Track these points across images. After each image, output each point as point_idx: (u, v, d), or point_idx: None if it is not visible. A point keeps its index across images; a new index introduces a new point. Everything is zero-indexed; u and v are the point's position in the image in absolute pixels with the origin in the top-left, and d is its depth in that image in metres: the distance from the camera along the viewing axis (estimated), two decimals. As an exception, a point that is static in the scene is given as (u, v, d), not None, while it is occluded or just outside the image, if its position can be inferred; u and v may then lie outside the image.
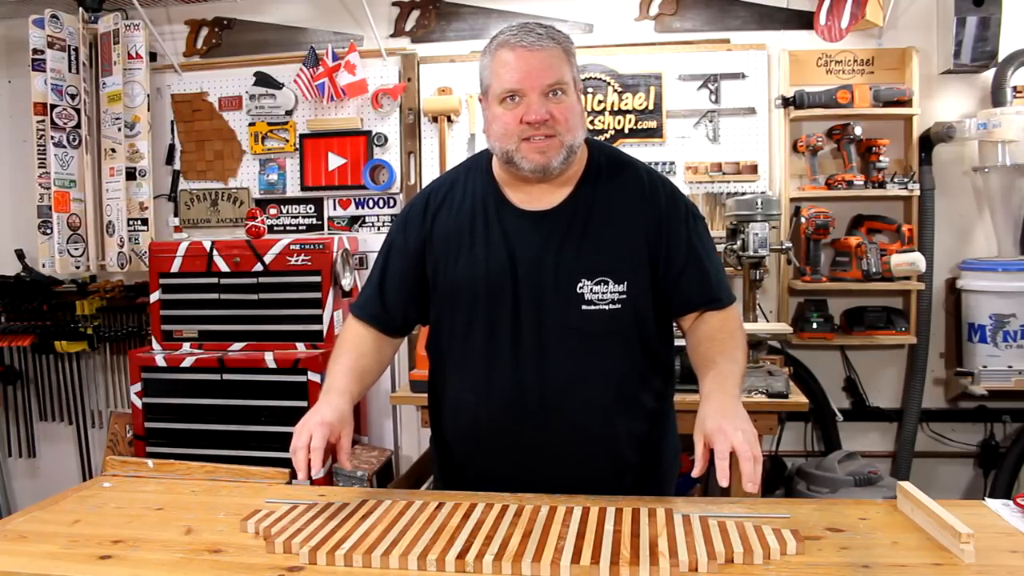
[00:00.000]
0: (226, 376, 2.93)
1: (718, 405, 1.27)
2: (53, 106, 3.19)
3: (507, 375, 1.42)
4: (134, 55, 3.29)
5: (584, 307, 1.40)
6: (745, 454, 1.16)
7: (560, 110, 1.35)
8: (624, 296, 1.41)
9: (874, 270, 2.89)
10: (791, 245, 2.82)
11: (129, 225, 3.33)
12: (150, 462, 1.59)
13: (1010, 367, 2.87)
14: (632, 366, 1.45)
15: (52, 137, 3.20)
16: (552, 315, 1.41)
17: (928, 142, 2.98)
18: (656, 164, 3.10)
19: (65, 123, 3.22)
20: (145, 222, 3.33)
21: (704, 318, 1.46)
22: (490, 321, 1.43)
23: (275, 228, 3.39)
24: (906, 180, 2.96)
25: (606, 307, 1.40)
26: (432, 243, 1.48)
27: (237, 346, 2.99)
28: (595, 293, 1.40)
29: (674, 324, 1.56)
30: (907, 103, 2.96)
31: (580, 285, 1.40)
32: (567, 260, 1.41)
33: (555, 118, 1.34)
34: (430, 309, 1.52)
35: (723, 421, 1.21)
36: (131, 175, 3.33)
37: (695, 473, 1.22)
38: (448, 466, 1.59)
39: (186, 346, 3.03)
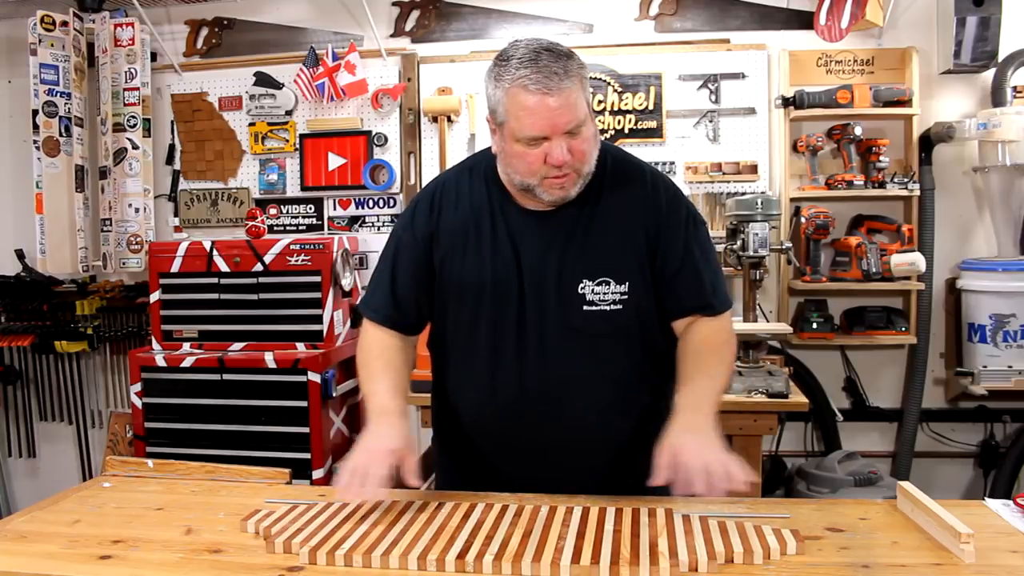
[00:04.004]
0: (226, 376, 2.92)
1: (687, 423, 1.28)
2: (35, 111, 3.18)
3: (510, 374, 1.42)
4: (103, 51, 3.26)
5: (585, 307, 1.40)
6: (698, 475, 1.19)
7: (578, 145, 1.32)
8: (626, 297, 1.41)
9: (874, 270, 2.88)
10: (791, 245, 2.81)
11: (107, 226, 3.30)
12: (150, 462, 1.59)
13: (1010, 367, 2.86)
14: (634, 366, 1.45)
15: (34, 140, 3.20)
16: (554, 315, 1.41)
17: (928, 142, 2.98)
18: (656, 164, 3.10)
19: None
20: (109, 222, 3.31)
21: (694, 327, 1.45)
22: (495, 319, 1.43)
23: (275, 228, 3.39)
24: (906, 180, 2.95)
25: (607, 308, 1.40)
26: (439, 238, 1.47)
27: (237, 346, 2.99)
28: (596, 294, 1.40)
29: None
30: (907, 103, 2.95)
31: (581, 286, 1.40)
32: (569, 260, 1.40)
33: (575, 155, 1.32)
34: (434, 306, 1.51)
35: (687, 439, 1.24)
36: (103, 174, 3.32)
37: (654, 482, 1.22)
38: (450, 462, 1.59)
39: (186, 346, 3.03)
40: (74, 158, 3.25)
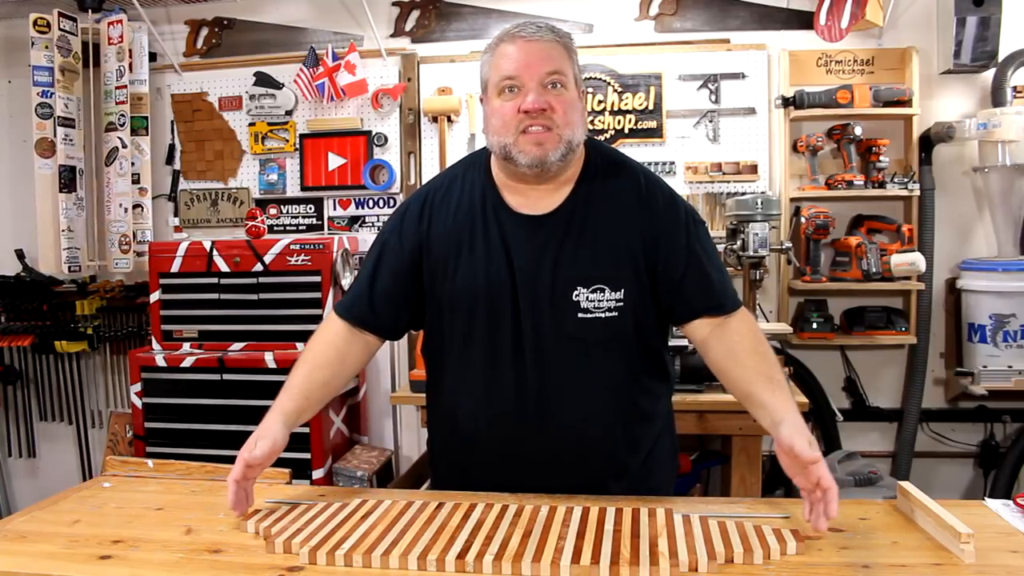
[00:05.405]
0: (226, 376, 2.92)
1: (801, 431, 1.24)
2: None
3: (505, 383, 1.41)
4: (93, 50, 3.25)
5: (580, 315, 1.38)
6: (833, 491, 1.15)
7: (559, 101, 1.33)
8: (621, 304, 1.39)
9: (874, 270, 2.88)
10: (791, 245, 2.82)
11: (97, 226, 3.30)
12: (150, 462, 1.59)
13: (1010, 367, 2.87)
14: (630, 373, 1.44)
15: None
16: (549, 323, 1.39)
17: (928, 142, 2.98)
18: (656, 164, 3.10)
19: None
20: (100, 222, 3.29)
21: (722, 333, 1.40)
22: (489, 329, 1.41)
23: (275, 228, 3.39)
24: (906, 180, 2.95)
25: (602, 315, 1.38)
26: (430, 248, 1.45)
27: (237, 346, 2.99)
28: (591, 301, 1.38)
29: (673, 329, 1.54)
30: (907, 103, 2.95)
31: (576, 293, 1.38)
32: (563, 268, 1.38)
33: (553, 108, 1.33)
34: (427, 314, 1.50)
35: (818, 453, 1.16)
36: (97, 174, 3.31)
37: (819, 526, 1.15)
38: (445, 471, 1.58)
39: (186, 346, 3.03)
40: (58, 158, 3.21)
